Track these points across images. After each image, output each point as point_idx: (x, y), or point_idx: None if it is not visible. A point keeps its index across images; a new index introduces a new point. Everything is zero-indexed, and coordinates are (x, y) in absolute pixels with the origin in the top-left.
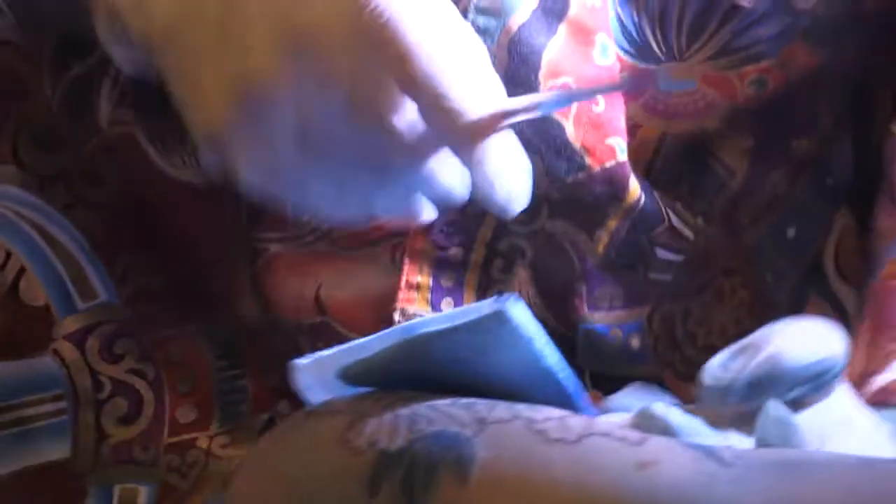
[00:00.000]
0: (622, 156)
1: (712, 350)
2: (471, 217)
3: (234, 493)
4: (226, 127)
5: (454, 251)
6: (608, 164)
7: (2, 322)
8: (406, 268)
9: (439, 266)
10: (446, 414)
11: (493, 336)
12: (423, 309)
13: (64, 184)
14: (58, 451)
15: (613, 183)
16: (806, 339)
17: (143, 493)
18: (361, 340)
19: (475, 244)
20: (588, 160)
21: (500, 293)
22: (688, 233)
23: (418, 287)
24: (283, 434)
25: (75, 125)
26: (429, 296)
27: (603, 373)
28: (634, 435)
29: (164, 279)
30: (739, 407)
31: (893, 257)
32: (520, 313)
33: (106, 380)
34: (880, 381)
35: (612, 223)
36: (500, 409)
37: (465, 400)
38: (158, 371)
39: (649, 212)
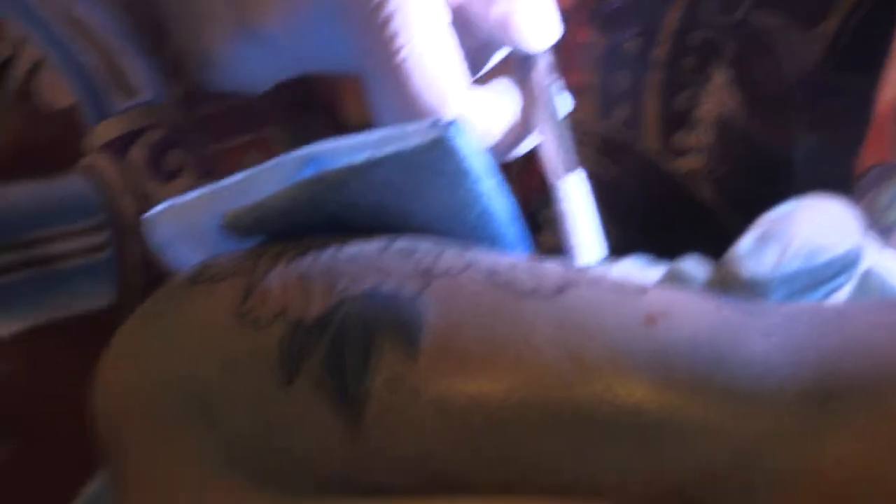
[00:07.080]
0: None
1: None
2: None
3: (99, 391)
4: (225, 55)
5: (630, 43)
6: None
7: (14, 131)
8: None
9: (609, 63)
10: (377, 266)
11: (427, 172)
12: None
13: None
14: (95, 297)
15: None
16: (831, 227)
17: None
18: (244, 176)
19: (659, 35)
20: None
21: (691, 101)
22: None
23: (580, 90)
24: (157, 313)
25: None
26: (598, 100)
27: None
28: (631, 284)
29: None
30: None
31: None
32: (467, 143)
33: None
34: None
35: (838, 14)
36: (450, 256)
37: (399, 244)
38: None
39: None
